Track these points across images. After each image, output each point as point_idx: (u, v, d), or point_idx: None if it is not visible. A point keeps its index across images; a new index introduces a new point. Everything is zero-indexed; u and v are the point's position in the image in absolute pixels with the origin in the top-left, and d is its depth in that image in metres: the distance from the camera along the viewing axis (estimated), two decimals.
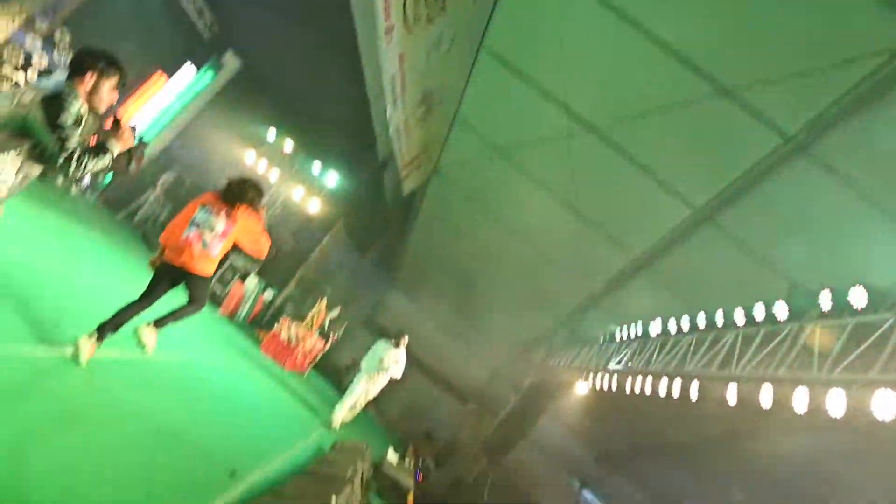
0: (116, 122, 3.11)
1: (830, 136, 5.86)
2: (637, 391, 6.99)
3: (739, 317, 5.83)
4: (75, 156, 2.73)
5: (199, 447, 4.21)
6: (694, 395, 5.87)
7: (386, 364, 8.08)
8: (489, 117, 9.39)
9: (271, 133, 13.25)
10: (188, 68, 12.26)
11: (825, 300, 4.92)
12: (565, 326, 12.21)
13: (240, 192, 4.44)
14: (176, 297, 4.39)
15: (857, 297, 4.67)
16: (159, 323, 4.30)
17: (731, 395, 5.31)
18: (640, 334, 8.03)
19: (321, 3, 8.75)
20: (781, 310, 5.35)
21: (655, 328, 7.59)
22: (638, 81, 7.03)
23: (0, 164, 2.54)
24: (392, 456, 8.18)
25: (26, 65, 10.05)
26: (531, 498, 16.79)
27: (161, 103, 12.16)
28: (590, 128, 7.82)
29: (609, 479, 16.83)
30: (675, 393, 6.16)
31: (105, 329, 3.90)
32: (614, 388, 7.80)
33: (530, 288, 12.41)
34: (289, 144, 13.25)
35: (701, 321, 6.51)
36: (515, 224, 11.14)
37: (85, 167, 2.80)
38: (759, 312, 5.58)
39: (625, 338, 8.53)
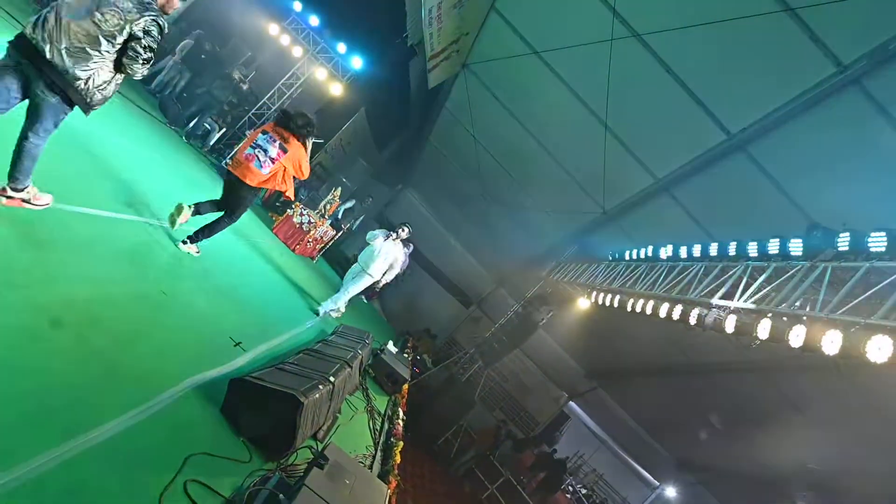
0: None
1: (887, 72, 5.44)
2: (638, 311, 7.07)
3: (752, 249, 5.75)
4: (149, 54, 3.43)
5: (207, 316, 4.37)
6: (693, 321, 5.93)
7: (379, 257, 7.57)
8: (528, 11, 8.78)
9: (297, 5, 12.54)
10: None
11: (843, 241, 4.81)
12: (576, 242, 12.19)
13: (293, 126, 5.28)
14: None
15: (877, 243, 4.55)
16: (194, 238, 5.17)
17: (730, 325, 5.36)
18: (649, 256, 8.00)
19: None
20: (796, 247, 5.26)
21: (666, 252, 7.55)
22: None
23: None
24: (391, 347, 8.49)
25: None
26: (519, 402, 17.75)
27: None
28: (634, 34, 7.30)
29: (594, 392, 17.63)
30: (675, 317, 6.23)
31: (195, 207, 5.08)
32: (615, 305, 7.91)
33: (547, 199, 12.25)
34: (314, 20, 12.58)
35: (713, 250, 6.44)
36: (541, 131, 10.78)
37: (145, 63, 3.47)
38: (773, 247, 5.49)
39: (634, 258, 8.52)
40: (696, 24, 6.47)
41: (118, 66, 3.38)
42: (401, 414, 6.21)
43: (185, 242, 5.06)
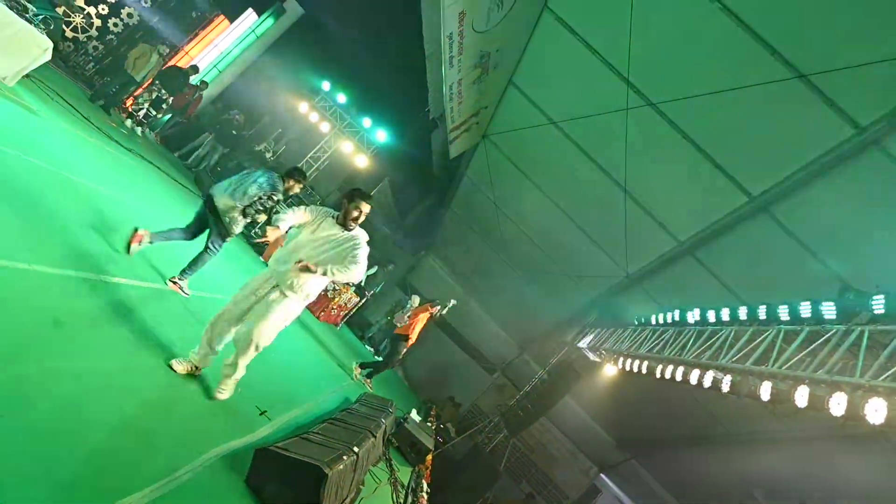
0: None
1: None
2: (667, 377, 6.88)
3: (784, 313, 5.62)
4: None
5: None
6: (725, 388, 5.74)
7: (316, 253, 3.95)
8: (544, 85, 9.14)
9: (326, 84, 13.29)
10: (249, 14, 12.33)
11: (878, 304, 4.69)
12: (600, 307, 12.05)
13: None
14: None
15: None
16: (368, 371, 8.41)
17: (765, 392, 5.17)
18: (676, 320, 7.86)
19: None
20: (829, 310, 5.13)
21: (693, 316, 7.42)
22: (708, 59, 6.70)
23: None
24: (415, 416, 8.34)
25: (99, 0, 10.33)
26: (547, 474, 16.97)
27: (221, 47, 12.31)
28: (649, 104, 7.52)
29: (627, 465, 16.80)
30: (707, 383, 6.03)
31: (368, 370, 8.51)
32: (644, 372, 7.71)
33: (569, 264, 12.24)
34: (342, 97, 13.28)
35: (742, 314, 6.32)
36: (560, 197, 10.94)
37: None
38: (804, 310, 5.37)
39: (660, 323, 8.37)
40: (709, 91, 6.65)
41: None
42: (425, 486, 6.01)
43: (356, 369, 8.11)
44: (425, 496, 5.72)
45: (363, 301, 12.10)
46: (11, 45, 5.70)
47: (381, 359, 8.82)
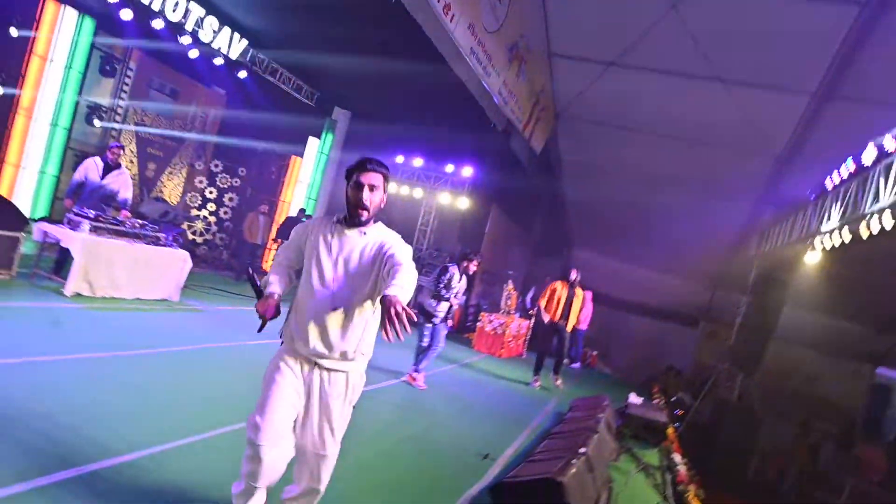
0: None
1: None
2: (875, 232, 5.93)
3: None
4: None
5: (450, 445, 4.59)
6: None
7: None
8: (582, 36, 8.86)
9: (400, 158, 14.04)
10: (312, 142, 13.59)
11: None
12: (767, 203, 10.86)
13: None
14: None
15: None
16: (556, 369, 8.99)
17: None
18: (853, 171, 6.82)
19: (383, 30, 8.82)
20: None
21: (870, 156, 6.39)
22: None
23: None
24: (634, 399, 8.02)
25: (204, 202, 12.06)
26: (814, 396, 15.01)
27: (305, 180, 13.64)
28: None
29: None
30: None
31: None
32: (848, 239, 6.72)
33: (707, 182, 11.29)
34: (418, 160, 13.92)
35: None
36: (661, 125, 10.28)
37: None
38: None
39: (837, 183, 7.32)
40: None
41: None
42: (678, 459, 5.67)
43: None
44: (683, 468, 5.39)
45: (533, 320, 12.08)
46: (162, 271, 6.87)
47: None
